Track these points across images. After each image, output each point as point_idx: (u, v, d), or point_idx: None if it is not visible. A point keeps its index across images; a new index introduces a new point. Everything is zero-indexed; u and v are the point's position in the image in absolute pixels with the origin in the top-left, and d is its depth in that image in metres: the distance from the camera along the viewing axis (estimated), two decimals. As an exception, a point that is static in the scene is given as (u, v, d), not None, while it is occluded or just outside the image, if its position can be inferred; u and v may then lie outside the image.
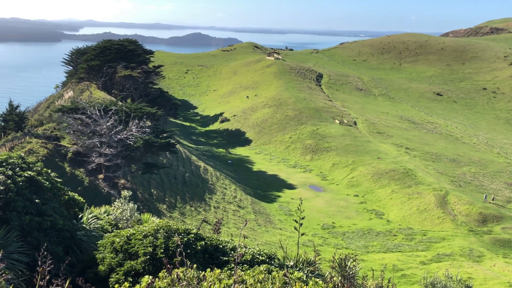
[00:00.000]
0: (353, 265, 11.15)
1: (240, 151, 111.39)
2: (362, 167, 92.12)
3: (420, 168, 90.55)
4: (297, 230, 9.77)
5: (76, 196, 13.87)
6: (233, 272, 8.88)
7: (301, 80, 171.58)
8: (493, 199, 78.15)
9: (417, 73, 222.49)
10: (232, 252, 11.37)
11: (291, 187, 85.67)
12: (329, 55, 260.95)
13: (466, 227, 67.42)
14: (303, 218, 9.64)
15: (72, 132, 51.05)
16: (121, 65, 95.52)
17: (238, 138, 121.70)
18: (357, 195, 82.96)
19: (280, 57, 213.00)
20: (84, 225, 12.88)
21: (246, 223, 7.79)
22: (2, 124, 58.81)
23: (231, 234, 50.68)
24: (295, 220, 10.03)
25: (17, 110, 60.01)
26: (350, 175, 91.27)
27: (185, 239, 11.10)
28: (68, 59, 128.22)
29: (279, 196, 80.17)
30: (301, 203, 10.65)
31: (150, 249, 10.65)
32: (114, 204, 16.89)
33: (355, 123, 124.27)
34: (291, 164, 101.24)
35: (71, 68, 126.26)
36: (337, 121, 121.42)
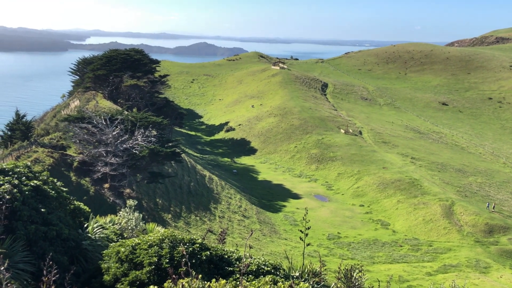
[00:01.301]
0: (359, 276, 11.08)
1: (245, 160, 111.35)
2: (367, 177, 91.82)
3: (426, 178, 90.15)
4: (302, 240, 9.73)
5: (82, 205, 13.88)
6: (238, 282, 8.85)
7: (306, 89, 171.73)
8: (493, 207, 77.96)
9: (423, 82, 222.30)
10: (238, 263, 11.32)
11: (296, 196, 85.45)
12: (334, 65, 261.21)
13: (473, 237, 66.94)
14: (308, 228, 9.61)
15: (78, 141, 51.22)
16: (127, 74, 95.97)
17: (243, 147, 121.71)
18: (363, 205, 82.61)
19: (285, 67, 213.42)
20: (89, 235, 12.88)
21: (251, 233, 7.77)
22: (9, 133, 59.13)
23: (236, 244, 50.56)
24: (301, 230, 9.99)
25: (24, 120, 60.33)
26: (356, 185, 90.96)
27: (190, 249, 11.07)
28: (74, 68, 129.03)
29: (284, 206, 79.95)
30: (307, 213, 10.62)
31: (155, 259, 10.63)
32: (119, 213, 16.89)
33: (360, 132, 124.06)
34: (296, 173, 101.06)
35: (78, 77, 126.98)
36: (342, 131, 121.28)
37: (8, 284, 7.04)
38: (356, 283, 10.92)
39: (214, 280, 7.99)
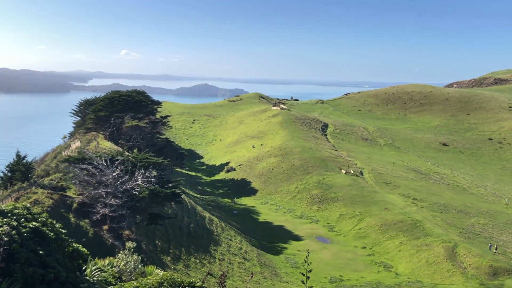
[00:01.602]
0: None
1: (246, 201, 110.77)
2: (369, 218, 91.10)
3: (428, 219, 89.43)
4: (304, 283, 9.60)
5: (80, 247, 13.76)
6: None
7: (306, 129, 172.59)
8: (496, 248, 77.04)
9: (422, 123, 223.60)
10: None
11: (297, 238, 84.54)
12: (334, 105, 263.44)
13: (477, 280, 65.81)
14: (310, 271, 9.50)
15: (78, 182, 51.12)
16: (129, 115, 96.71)
17: (244, 187, 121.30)
18: (365, 247, 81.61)
19: (286, 107, 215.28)
20: (87, 277, 12.71)
21: (252, 276, 7.67)
22: (9, 174, 59.09)
23: None
24: (302, 273, 9.88)
25: (24, 161, 60.42)
26: (358, 226, 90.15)
27: (190, 292, 10.91)
28: (76, 109, 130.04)
29: (286, 248, 78.99)
30: (308, 255, 10.52)
31: (153, 303, 10.47)
32: (118, 255, 16.71)
33: (361, 173, 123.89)
34: (298, 214, 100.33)
35: (79, 118, 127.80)
36: (343, 171, 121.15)
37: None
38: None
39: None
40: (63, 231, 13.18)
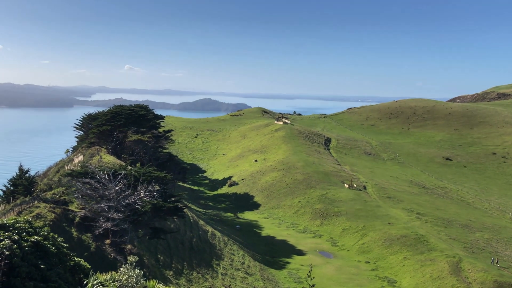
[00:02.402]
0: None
1: (249, 215, 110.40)
2: (373, 233, 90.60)
3: (432, 234, 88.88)
4: (306, 298, 9.52)
5: (82, 261, 13.69)
6: None
7: (309, 144, 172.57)
8: (497, 262, 76.61)
9: (426, 137, 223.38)
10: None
11: (300, 253, 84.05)
12: (337, 120, 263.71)
13: (483, 296, 65.15)
14: (313, 286, 9.43)
15: (80, 196, 51.08)
16: (132, 129, 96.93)
17: (247, 202, 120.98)
18: (369, 262, 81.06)
19: (289, 122, 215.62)
20: (88, 292, 12.61)
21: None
22: (12, 188, 59.15)
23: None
24: (305, 288, 9.80)
25: (27, 175, 60.52)
26: (361, 241, 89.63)
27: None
28: (79, 124, 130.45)
29: (288, 263, 78.51)
30: (311, 270, 10.45)
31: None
32: (120, 270, 16.61)
33: (364, 187, 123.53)
34: (301, 229, 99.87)
35: (82, 133, 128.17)
36: (346, 185, 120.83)
37: None
38: None
39: None
40: (65, 245, 13.13)
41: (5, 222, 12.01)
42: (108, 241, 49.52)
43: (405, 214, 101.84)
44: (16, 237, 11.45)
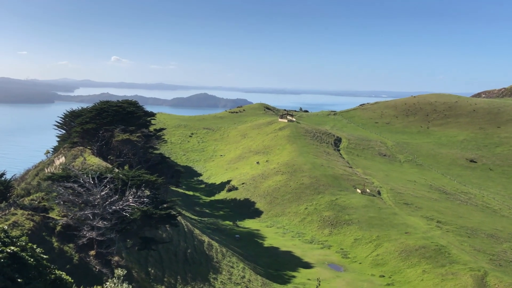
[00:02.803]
0: None
1: (250, 223, 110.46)
2: (388, 243, 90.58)
3: (454, 244, 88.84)
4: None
5: (64, 275, 13.71)
6: None
7: (317, 144, 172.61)
8: None
9: (447, 137, 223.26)
10: None
11: (307, 265, 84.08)
12: (348, 117, 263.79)
13: (511, 313, 65.12)
14: (320, 302, 9.43)
15: (62, 202, 51.12)
16: (119, 128, 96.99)
17: (247, 209, 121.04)
18: (383, 276, 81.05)
19: (294, 119, 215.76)
20: (71, 309, 12.64)
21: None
22: (-15, 193, 59.16)
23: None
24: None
25: (2, 178, 60.55)
26: (375, 252, 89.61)
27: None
28: (61, 122, 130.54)
29: (294, 277, 78.53)
30: (319, 284, 10.47)
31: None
32: (106, 284, 16.66)
33: (379, 192, 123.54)
34: (307, 239, 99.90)
35: (64, 131, 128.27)
36: (358, 190, 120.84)
37: None
38: None
39: None
40: (45, 256, 13.14)
41: (-22, 230, 12.05)
42: (92, 252, 49.57)
43: (424, 222, 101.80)
44: (-9, 247, 11.47)
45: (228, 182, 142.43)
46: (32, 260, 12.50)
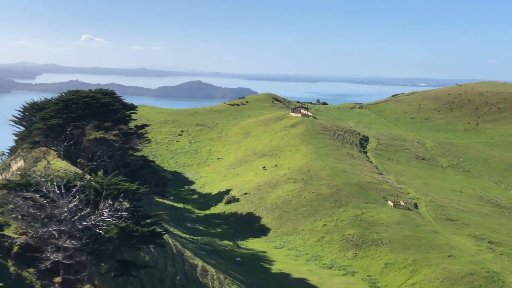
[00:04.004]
0: None
1: (254, 244, 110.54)
2: (427, 269, 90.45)
3: (510, 271, 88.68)
4: None
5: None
6: None
7: (338, 144, 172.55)
8: None
9: (501, 136, 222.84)
10: None
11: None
12: (377, 111, 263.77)
13: None
14: None
15: (20, 217, 51.23)
16: (92, 124, 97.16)
17: (251, 225, 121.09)
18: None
19: (310, 114, 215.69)
20: None
21: None
22: None
23: None
24: None
25: None
26: (410, 281, 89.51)
27: None
28: (19, 116, 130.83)
29: (309, 310, 78.66)
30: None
31: None
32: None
33: (415, 205, 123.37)
34: (326, 263, 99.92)
35: (23, 129, 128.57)
36: (390, 203, 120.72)
37: None
38: None
39: None
40: (-1, 284, 13.18)
41: None
42: (58, 279, 49.68)
43: (473, 243, 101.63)
44: None
45: (227, 192, 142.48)
46: (-18, 289, 12.60)
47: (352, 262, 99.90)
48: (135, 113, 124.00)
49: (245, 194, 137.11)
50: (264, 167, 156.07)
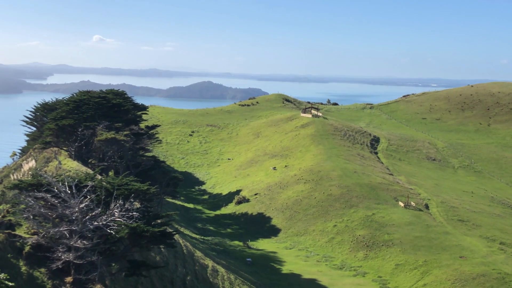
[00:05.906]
0: None
1: (264, 244, 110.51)
2: (438, 270, 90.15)
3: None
4: None
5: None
6: None
7: (349, 145, 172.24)
8: None
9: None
10: None
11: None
12: (388, 112, 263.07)
13: None
14: None
15: (31, 217, 51.42)
16: (103, 125, 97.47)
17: (261, 226, 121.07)
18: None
19: (320, 114, 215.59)
20: None
21: None
22: None
23: None
24: None
25: (-41, 186, 61.10)
26: (421, 282, 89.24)
27: None
28: (30, 117, 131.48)
29: (320, 311, 78.56)
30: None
31: None
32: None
33: (426, 206, 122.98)
34: (337, 264, 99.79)
35: (35, 129, 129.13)
36: (401, 204, 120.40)
37: None
38: None
39: None
40: (10, 284, 13.26)
41: None
42: (69, 279, 49.83)
43: (484, 244, 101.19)
44: None
45: (238, 192, 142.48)
46: (-6, 288, 12.66)
47: (362, 263, 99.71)
48: (146, 113, 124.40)
49: (256, 194, 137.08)
50: (275, 167, 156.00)
